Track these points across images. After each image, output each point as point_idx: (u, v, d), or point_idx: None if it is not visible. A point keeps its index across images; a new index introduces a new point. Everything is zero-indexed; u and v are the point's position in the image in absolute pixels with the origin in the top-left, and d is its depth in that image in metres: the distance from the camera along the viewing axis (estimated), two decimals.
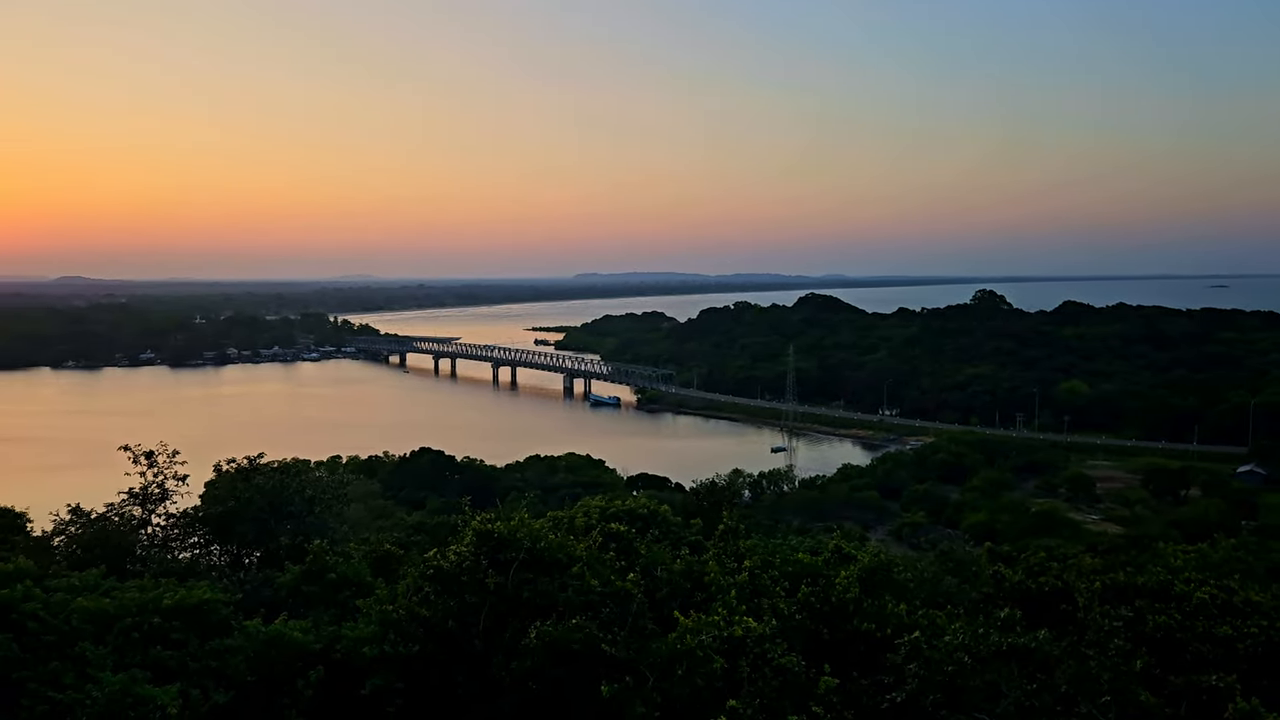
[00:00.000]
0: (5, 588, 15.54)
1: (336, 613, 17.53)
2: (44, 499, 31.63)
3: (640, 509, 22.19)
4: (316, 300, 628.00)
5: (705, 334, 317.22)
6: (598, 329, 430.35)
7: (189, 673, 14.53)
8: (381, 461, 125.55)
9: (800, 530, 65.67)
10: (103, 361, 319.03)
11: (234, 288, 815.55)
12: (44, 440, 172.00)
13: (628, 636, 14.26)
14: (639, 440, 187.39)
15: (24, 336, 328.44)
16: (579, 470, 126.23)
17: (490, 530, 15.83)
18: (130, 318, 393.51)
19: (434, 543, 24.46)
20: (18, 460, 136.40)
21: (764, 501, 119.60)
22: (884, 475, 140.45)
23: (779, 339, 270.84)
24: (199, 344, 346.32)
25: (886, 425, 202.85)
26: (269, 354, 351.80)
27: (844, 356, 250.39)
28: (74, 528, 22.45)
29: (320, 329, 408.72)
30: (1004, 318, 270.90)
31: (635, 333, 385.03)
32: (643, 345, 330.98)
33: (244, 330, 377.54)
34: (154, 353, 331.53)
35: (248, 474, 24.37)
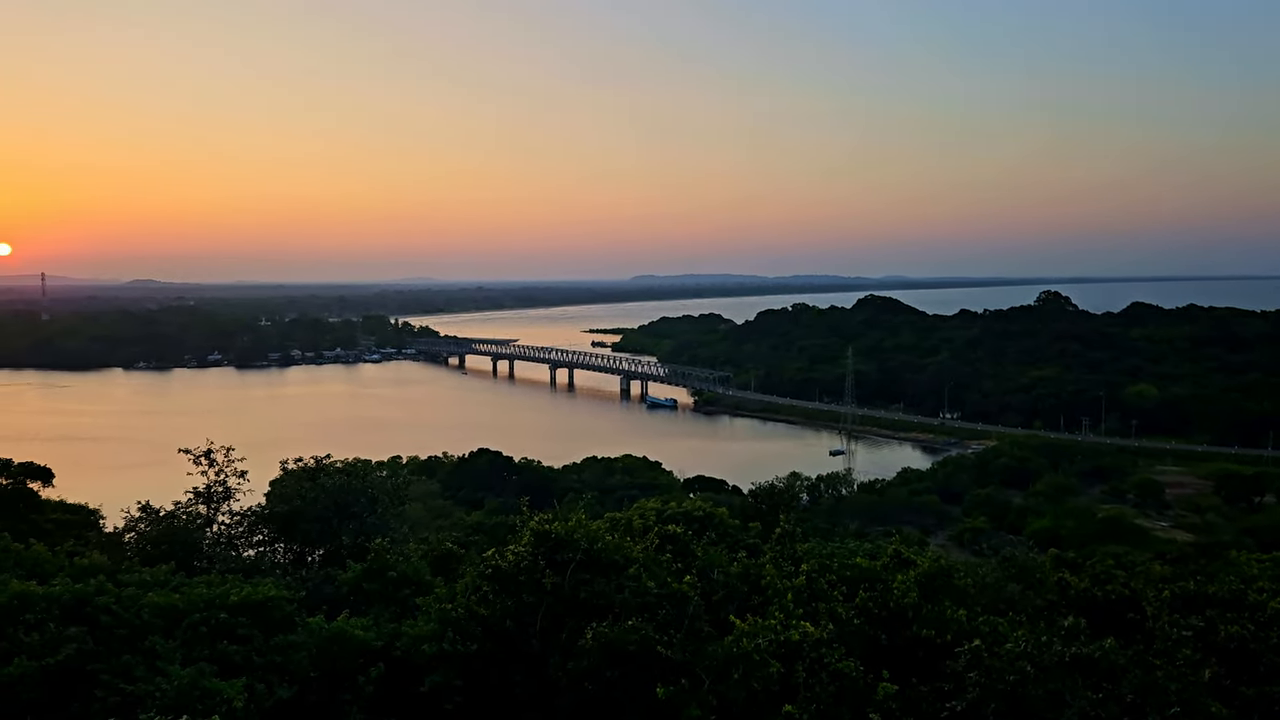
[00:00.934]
0: (80, 582, 16.02)
1: (397, 610, 17.77)
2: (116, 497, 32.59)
3: (697, 511, 22.17)
4: (378, 302, 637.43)
5: (763, 336, 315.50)
6: (655, 331, 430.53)
7: (254, 667, 14.84)
8: (441, 462, 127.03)
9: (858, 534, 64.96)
10: (172, 362, 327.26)
11: (298, 290, 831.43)
12: (116, 440, 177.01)
13: (684, 639, 14.25)
14: (696, 442, 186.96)
15: (98, 339, 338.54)
16: (636, 472, 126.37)
17: (548, 531, 15.93)
18: (199, 320, 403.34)
19: (492, 543, 24.67)
20: (92, 459, 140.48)
21: (822, 505, 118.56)
22: (945, 479, 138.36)
23: (837, 341, 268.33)
24: (264, 345, 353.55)
25: (947, 429, 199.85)
26: (331, 355, 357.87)
27: (904, 359, 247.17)
28: (144, 525, 23.05)
29: (381, 331, 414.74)
30: (1069, 319, 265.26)
31: (692, 334, 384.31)
32: (700, 347, 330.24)
33: (307, 332, 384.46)
34: (221, 354, 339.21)
35: (313, 474, 24.85)
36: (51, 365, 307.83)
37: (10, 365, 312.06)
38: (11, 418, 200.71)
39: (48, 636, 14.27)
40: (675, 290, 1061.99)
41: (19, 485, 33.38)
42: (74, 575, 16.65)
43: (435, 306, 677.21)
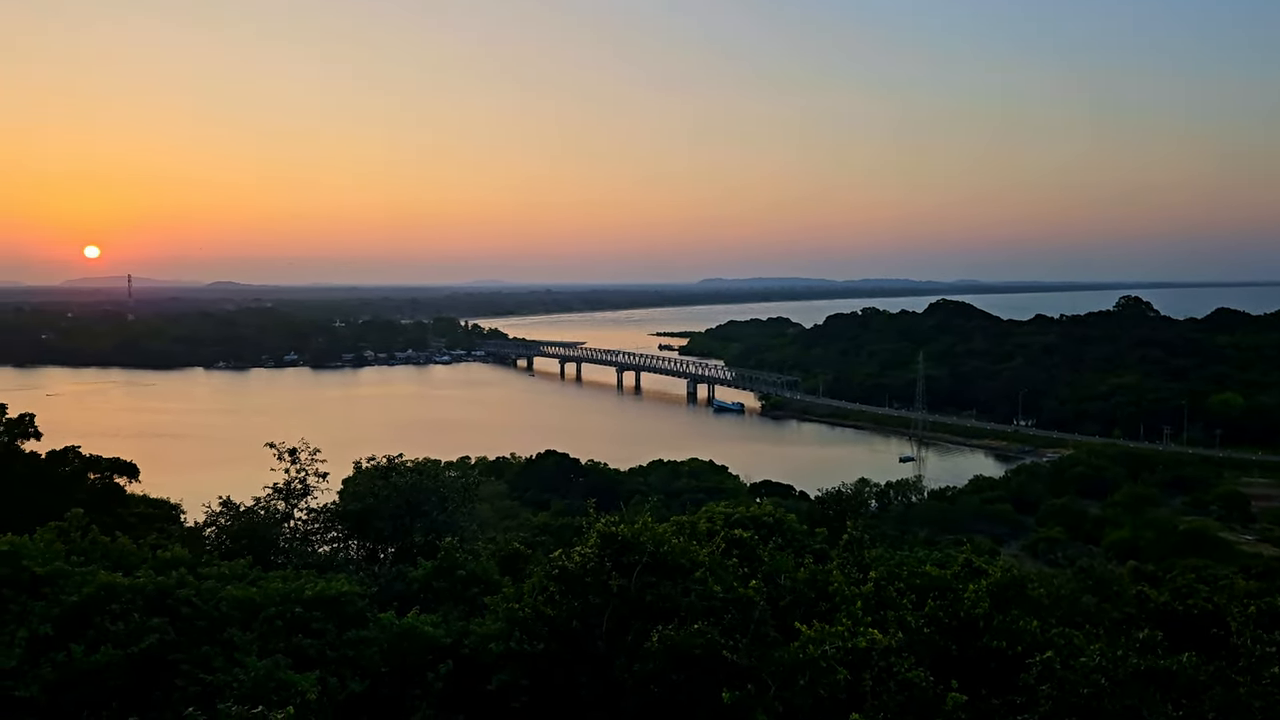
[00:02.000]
0: (163, 575, 16.52)
1: (465, 609, 18.01)
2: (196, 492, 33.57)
3: (764, 516, 22.06)
4: (448, 305, 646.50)
5: (832, 340, 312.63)
6: (722, 334, 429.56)
7: (327, 661, 15.17)
8: (509, 463, 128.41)
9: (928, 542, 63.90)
10: (250, 363, 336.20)
11: (371, 292, 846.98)
12: (196, 437, 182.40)
13: (750, 644, 14.21)
14: (762, 447, 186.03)
15: (180, 339, 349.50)
16: (702, 475, 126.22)
17: (614, 533, 16.01)
18: (276, 321, 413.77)
19: (559, 543, 24.85)
20: (174, 456, 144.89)
21: (891, 512, 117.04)
22: (1018, 488, 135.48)
23: (908, 346, 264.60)
24: (338, 346, 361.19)
25: (1021, 436, 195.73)
26: (403, 356, 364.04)
27: (977, 364, 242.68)
28: (223, 519, 23.67)
29: (452, 333, 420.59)
30: (1150, 325, 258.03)
31: (760, 338, 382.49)
32: (767, 351, 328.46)
33: (380, 333, 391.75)
34: (297, 354, 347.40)
35: (385, 472, 25.31)
36: (137, 364, 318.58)
37: (98, 364, 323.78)
38: (99, 415, 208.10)
39: (132, 626, 14.76)
40: (743, 293, 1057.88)
41: (107, 480, 34.60)
42: (157, 568, 17.18)
43: (504, 309, 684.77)
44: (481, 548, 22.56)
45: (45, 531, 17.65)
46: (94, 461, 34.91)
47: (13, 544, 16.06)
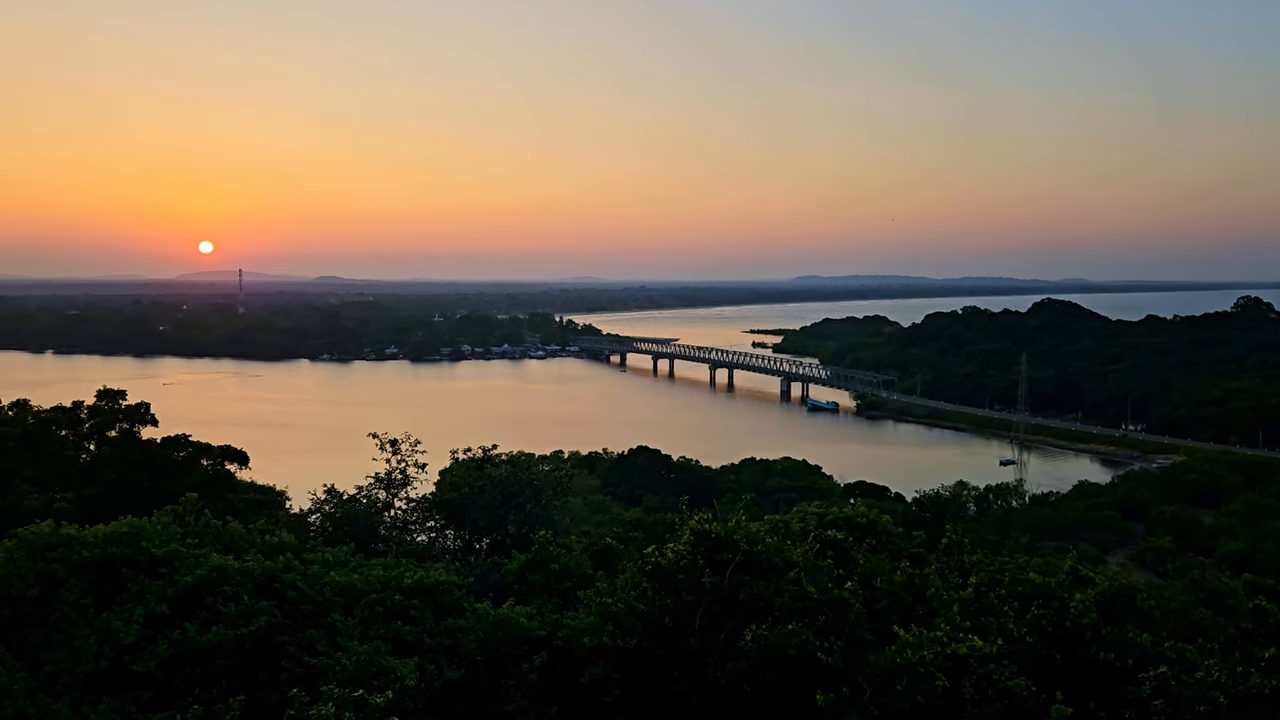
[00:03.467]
0: (270, 559, 17.10)
1: (558, 602, 18.17)
2: (301, 480, 34.67)
3: (859, 517, 21.76)
4: (544, 301, 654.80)
5: (930, 339, 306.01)
6: (816, 332, 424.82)
7: (425, 648, 15.49)
8: (600, 458, 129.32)
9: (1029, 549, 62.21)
10: (352, 355, 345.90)
11: (469, 288, 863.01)
12: (301, 426, 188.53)
13: (844, 646, 13.99)
14: (857, 447, 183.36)
15: (287, 332, 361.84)
16: (795, 475, 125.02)
17: (707, 530, 15.96)
18: (377, 315, 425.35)
19: (651, 540, 24.91)
20: (281, 444, 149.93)
21: (990, 516, 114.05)
22: (1125, 495, 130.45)
23: (1010, 346, 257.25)
24: (436, 340, 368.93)
25: (1130, 441, 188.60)
26: (499, 351, 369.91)
27: (1083, 366, 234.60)
28: (327, 507, 24.41)
29: (546, 328, 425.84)
30: (1271, 327, 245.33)
31: (855, 337, 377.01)
32: (863, 350, 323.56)
33: (477, 328, 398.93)
34: (397, 348, 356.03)
35: (480, 464, 25.76)
36: (246, 355, 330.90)
37: (210, 354, 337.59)
38: (211, 404, 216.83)
39: (242, 608, 15.31)
40: (838, 291, 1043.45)
41: (218, 466, 36.00)
42: (265, 552, 17.78)
43: (598, 305, 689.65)
44: (574, 541, 22.77)
45: (162, 515, 18.41)
46: (206, 448, 36.32)
47: (132, 526, 16.81)
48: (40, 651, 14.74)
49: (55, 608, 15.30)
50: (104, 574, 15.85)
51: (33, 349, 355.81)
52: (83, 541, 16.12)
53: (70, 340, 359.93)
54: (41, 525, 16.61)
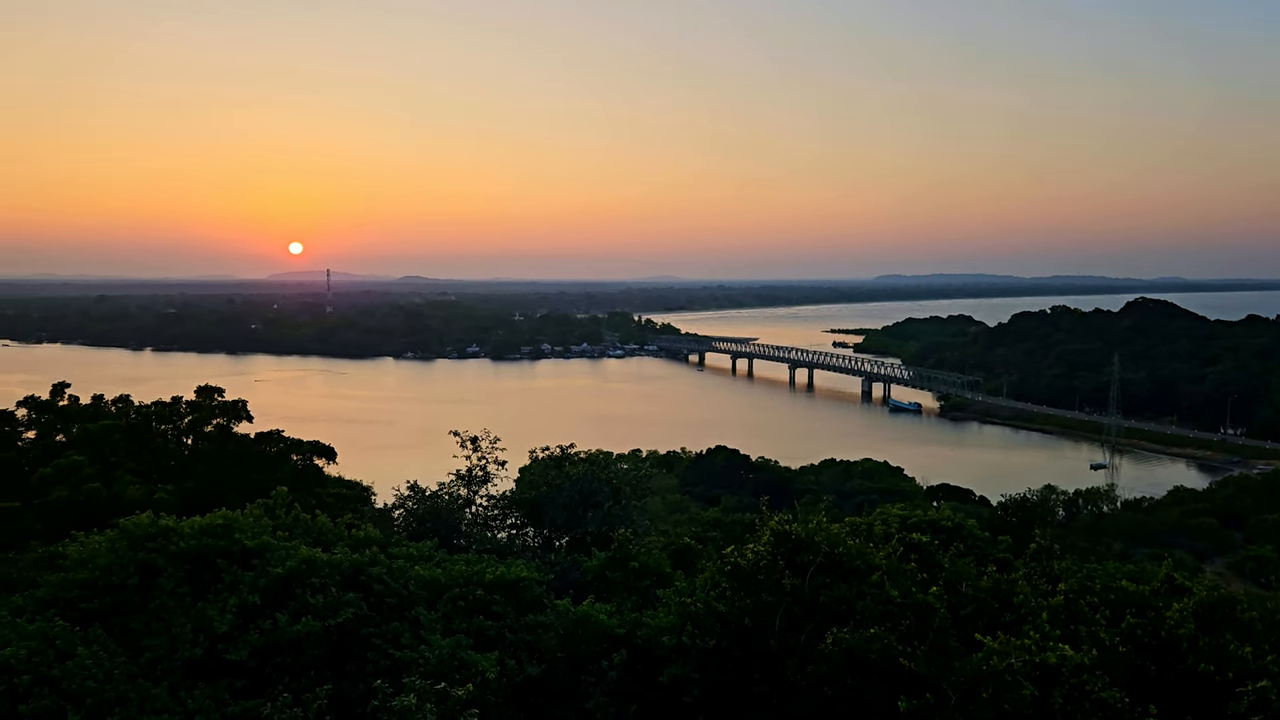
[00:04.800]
0: (357, 552, 17.48)
1: (638, 600, 18.21)
2: (385, 475, 35.37)
3: (943, 520, 21.30)
4: (622, 300, 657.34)
5: (1017, 340, 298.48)
6: (899, 332, 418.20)
7: (506, 643, 15.67)
8: (679, 457, 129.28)
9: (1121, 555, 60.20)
10: (435, 353, 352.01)
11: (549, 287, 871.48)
12: (384, 423, 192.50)
13: (928, 652, 13.73)
14: (940, 449, 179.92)
15: (373, 330, 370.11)
16: (876, 476, 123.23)
17: (788, 531, 15.82)
18: (459, 314, 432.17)
19: (729, 540, 24.81)
20: (366, 440, 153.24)
21: (1080, 522, 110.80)
22: (1224, 501, 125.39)
23: (1101, 347, 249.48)
24: (517, 339, 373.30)
25: (1229, 446, 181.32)
26: (578, 350, 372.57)
27: (1179, 367, 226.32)
28: (411, 502, 24.84)
29: (625, 327, 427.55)
30: None
31: (939, 336, 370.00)
32: (947, 350, 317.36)
33: (556, 327, 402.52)
34: (478, 346, 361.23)
35: (559, 462, 25.94)
36: (333, 353, 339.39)
37: (299, 352, 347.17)
38: (299, 400, 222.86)
39: (330, 600, 15.68)
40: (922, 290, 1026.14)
41: (307, 461, 36.96)
42: (352, 545, 18.18)
43: (677, 304, 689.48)
44: (653, 540, 22.78)
45: (254, 507, 18.93)
46: (296, 444, 37.32)
47: (227, 518, 17.34)
48: (140, 638, 15.31)
49: (154, 596, 15.88)
50: (200, 564, 16.38)
51: (133, 346, 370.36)
52: (180, 532, 16.70)
53: (168, 338, 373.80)
54: (142, 516, 17.25)
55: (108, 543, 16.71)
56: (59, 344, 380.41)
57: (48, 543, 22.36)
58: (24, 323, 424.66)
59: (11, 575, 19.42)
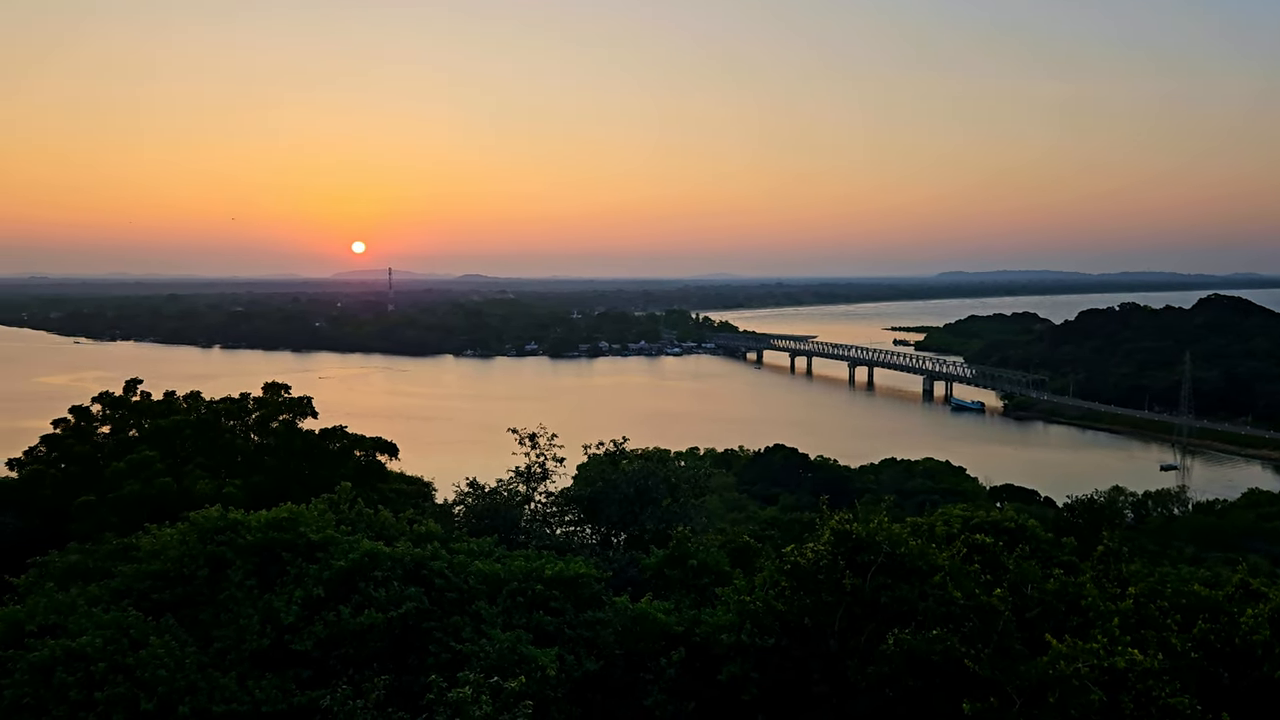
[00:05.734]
0: (419, 547, 17.70)
1: (696, 598, 18.19)
2: (445, 471, 35.76)
3: (1007, 521, 20.92)
4: (680, 298, 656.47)
5: (1084, 338, 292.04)
6: (961, 330, 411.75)
7: (565, 639, 15.76)
8: (736, 455, 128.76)
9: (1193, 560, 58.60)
10: (494, 351, 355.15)
11: (606, 285, 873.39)
12: (445, 420, 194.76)
13: (993, 654, 13.50)
14: (1004, 449, 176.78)
15: (433, 328, 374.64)
16: (937, 476, 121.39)
17: (848, 531, 15.68)
18: (518, 312, 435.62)
19: (788, 539, 24.63)
20: (426, 437, 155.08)
21: (1149, 524, 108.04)
22: None
23: (1172, 345, 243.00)
24: (575, 337, 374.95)
25: None
26: (636, 348, 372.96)
27: (1256, 366, 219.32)
28: (470, 499, 25.10)
29: (682, 325, 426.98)
30: None
31: (1003, 334, 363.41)
32: (1011, 348, 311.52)
33: (614, 325, 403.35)
34: (537, 344, 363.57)
35: (615, 459, 26.01)
36: (394, 351, 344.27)
37: (362, 349, 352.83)
38: (361, 397, 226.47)
39: (392, 593, 15.91)
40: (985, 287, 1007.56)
41: (370, 457, 37.54)
42: (414, 540, 18.42)
43: (735, 302, 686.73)
44: (711, 538, 22.73)
45: (319, 502, 19.29)
46: (360, 440, 37.92)
47: (292, 512, 17.69)
48: (209, 628, 15.70)
49: (223, 588, 16.26)
50: (266, 557, 16.73)
51: (202, 344, 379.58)
52: (248, 526, 17.07)
53: (235, 335, 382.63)
54: (211, 510, 17.69)
55: (178, 535, 17.16)
56: (132, 341, 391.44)
57: (122, 535, 23.01)
58: (99, 321, 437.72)
59: (88, 566, 20.01)
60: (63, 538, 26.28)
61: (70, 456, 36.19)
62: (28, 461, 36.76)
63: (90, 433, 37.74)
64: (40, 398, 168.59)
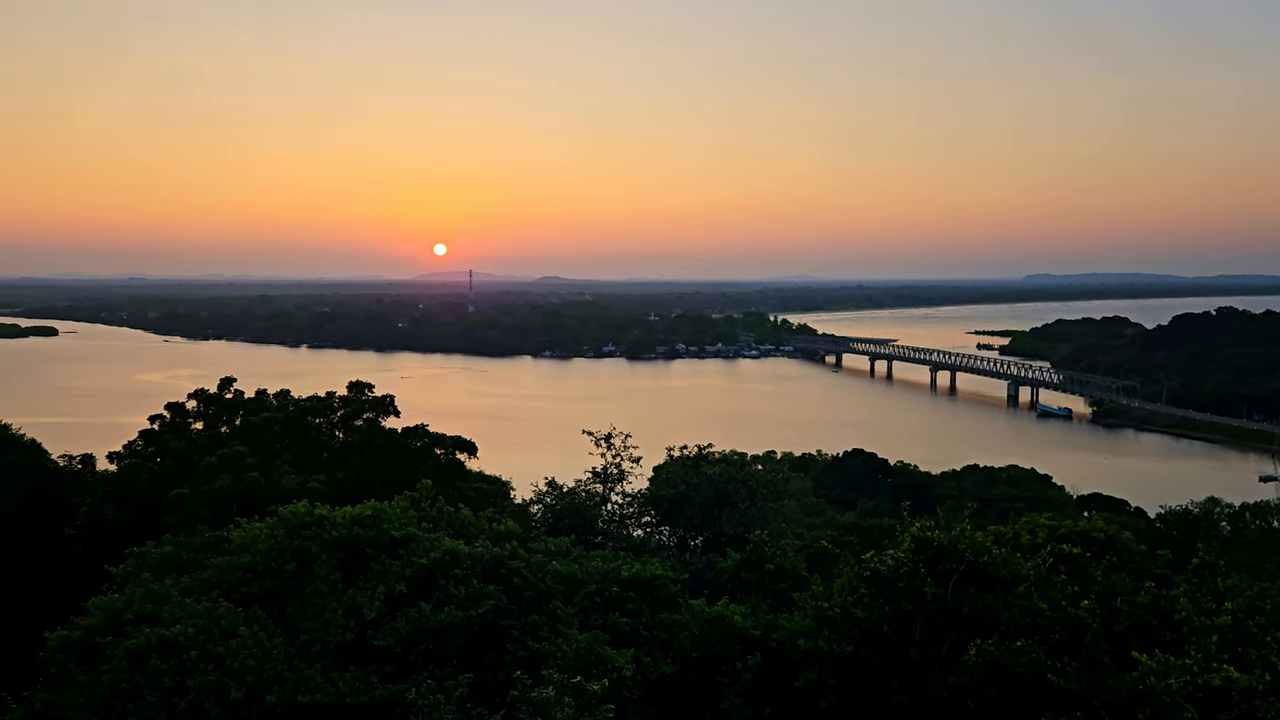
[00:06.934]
0: (498, 546, 17.90)
1: (773, 603, 18.05)
2: (522, 471, 36.09)
3: (1095, 532, 20.33)
4: (758, 300, 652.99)
5: (1178, 343, 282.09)
6: (1048, 334, 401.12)
7: (641, 640, 15.78)
8: (814, 459, 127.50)
9: None
10: (572, 352, 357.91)
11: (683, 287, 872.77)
12: (523, 419, 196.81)
13: (1080, 668, 13.13)
14: (1092, 457, 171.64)
15: (512, 329, 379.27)
16: (1021, 484, 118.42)
17: (930, 538, 15.40)
18: (595, 314, 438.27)
19: (866, 545, 24.30)
20: (505, 437, 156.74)
21: (1247, 537, 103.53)
22: None
23: (1274, 350, 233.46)
24: (652, 339, 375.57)
25: None
26: (713, 350, 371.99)
27: None
28: (548, 498, 25.33)
29: (760, 327, 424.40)
30: None
31: (1092, 339, 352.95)
32: (1101, 353, 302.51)
33: (691, 327, 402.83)
34: (614, 345, 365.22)
35: (695, 462, 25.99)
36: (474, 351, 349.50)
37: (442, 350, 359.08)
38: (442, 396, 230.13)
39: (472, 591, 16.12)
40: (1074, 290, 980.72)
41: (450, 456, 38.09)
42: (493, 539, 18.64)
43: (814, 304, 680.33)
44: (789, 543, 22.53)
45: (401, 499, 19.64)
46: (440, 438, 38.49)
47: (375, 509, 18.05)
48: (295, 621, 16.10)
49: (309, 581, 16.67)
50: (350, 552, 17.11)
51: (290, 343, 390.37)
52: (333, 522, 17.48)
53: (321, 335, 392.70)
54: (298, 505, 18.15)
55: (267, 529, 17.65)
56: (223, 340, 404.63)
57: (214, 527, 23.74)
58: (193, 321, 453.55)
59: (181, 557, 20.67)
60: (158, 529, 27.25)
61: (166, 451, 37.48)
62: (126, 455, 38.19)
63: (185, 428, 39.03)
64: (138, 394, 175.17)
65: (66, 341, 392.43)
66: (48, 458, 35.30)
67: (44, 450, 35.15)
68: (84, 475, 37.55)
